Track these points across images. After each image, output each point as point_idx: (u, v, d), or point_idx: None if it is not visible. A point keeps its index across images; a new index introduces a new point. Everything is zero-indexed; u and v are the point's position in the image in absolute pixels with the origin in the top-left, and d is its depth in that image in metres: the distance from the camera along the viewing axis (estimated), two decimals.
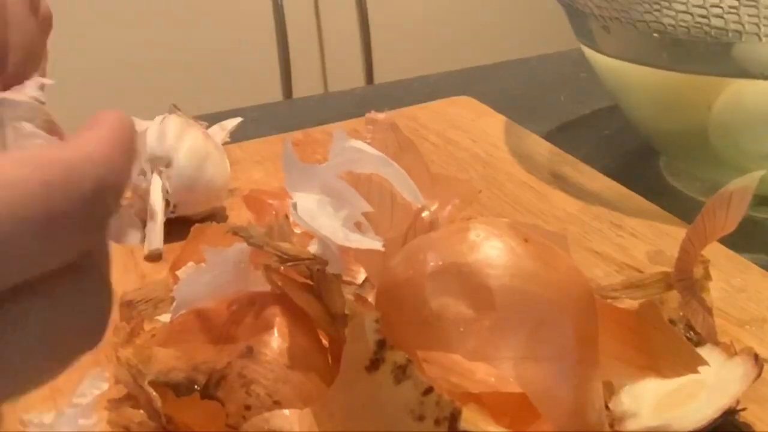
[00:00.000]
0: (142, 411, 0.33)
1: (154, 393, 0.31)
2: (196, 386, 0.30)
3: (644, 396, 0.34)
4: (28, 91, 0.29)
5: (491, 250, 0.30)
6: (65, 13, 1.47)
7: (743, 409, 0.34)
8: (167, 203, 0.52)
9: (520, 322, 0.29)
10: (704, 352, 0.33)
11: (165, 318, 0.37)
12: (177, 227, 0.50)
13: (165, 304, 0.38)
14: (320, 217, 0.31)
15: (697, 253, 0.36)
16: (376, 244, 0.31)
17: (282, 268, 0.32)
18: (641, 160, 0.61)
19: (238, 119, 0.59)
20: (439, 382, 0.28)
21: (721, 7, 0.47)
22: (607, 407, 0.33)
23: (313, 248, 0.32)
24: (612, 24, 0.52)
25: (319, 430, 0.28)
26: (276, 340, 0.30)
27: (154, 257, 0.50)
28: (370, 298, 0.33)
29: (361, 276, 0.38)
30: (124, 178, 0.21)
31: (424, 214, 0.34)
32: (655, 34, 0.50)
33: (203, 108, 0.70)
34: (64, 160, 0.20)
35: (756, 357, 0.34)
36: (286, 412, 0.29)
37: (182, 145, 0.52)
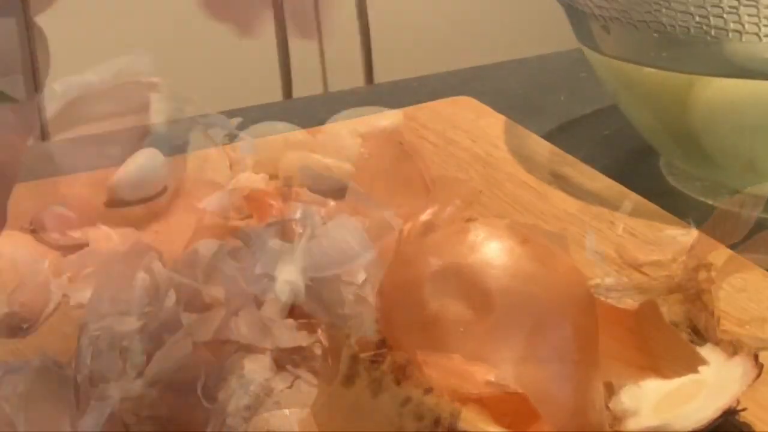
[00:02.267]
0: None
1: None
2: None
3: (644, 396, 0.34)
4: None
5: (491, 251, 0.30)
6: (65, 12, 1.47)
7: (743, 409, 0.34)
8: None
9: (520, 323, 0.29)
10: (704, 352, 0.33)
11: None
12: None
13: None
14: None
15: (705, 257, 0.36)
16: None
17: None
18: (641, 160, 0.61)
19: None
20: (439, 383, 0.28)
21: (721, 7, 0.47)
22: (607, 407, 0.33)
23: None
24: (612, 24, 0.52)
25: (319, 430, 0.28)
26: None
27: None
28: (370, 298, 0.33)
29: (361, 276, 0.38)
30: None
31: (423, 215, 0.34)
32: (655, 34, 0.50)
33: (203, 108, 0.69)
34: None
35: (756, 357, 0.34)
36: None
37: None
